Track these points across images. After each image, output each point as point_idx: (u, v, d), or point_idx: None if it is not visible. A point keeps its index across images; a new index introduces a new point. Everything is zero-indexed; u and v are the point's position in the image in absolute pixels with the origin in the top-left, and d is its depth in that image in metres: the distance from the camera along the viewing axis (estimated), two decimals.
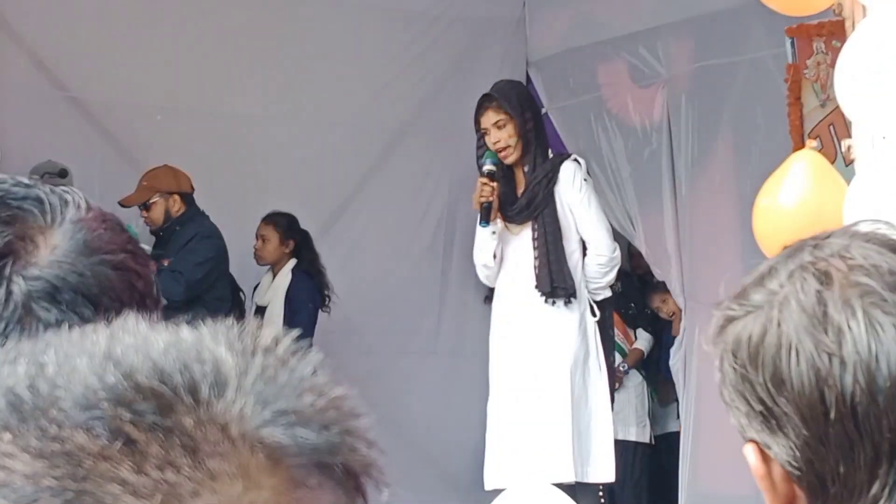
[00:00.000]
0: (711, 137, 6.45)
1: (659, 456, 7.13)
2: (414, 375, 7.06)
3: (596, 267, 5.28)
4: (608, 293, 5.37)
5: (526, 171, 5.31)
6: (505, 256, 5.35)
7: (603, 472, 5.22)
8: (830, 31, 5.50)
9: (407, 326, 7.11)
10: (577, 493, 5.03)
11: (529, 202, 5.26)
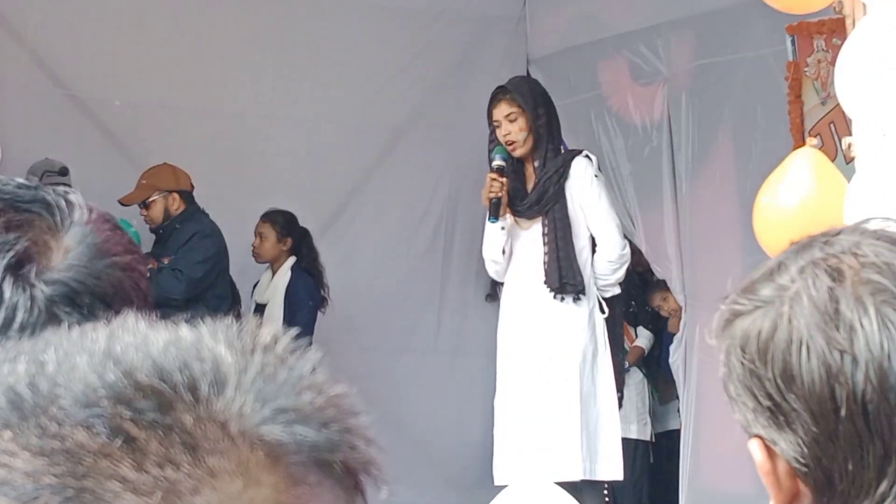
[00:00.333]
0: (712, 135, 6.45)
1: (660, 453, 7.13)
2: (414, 373, 7.06)
3: (605, 264, 5.23)
4: (617, 290, 5.32)
5: (536, 166, 5.27)
6: (514, 252, 5.31)
7: (611, 470, 5.18)
8: (831, 28, 5.50)
9: (407, 324, 7.10)
10: (582, 490, 5.02)
11: (540, 197, 5.22)
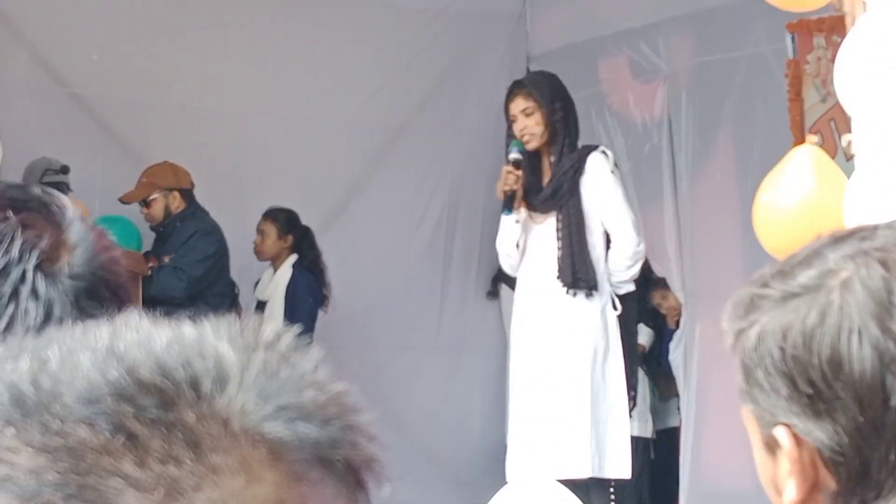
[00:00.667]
0: (712, 133, 6.45)
1: (660, 450, 7.13)
2: (415, 371, 7.06)
3: (620, 260, 5.18)
4: (631, 287, 5.25)
5: (552, 160, 5.23)
6: (528, 246, 5.26)
7: (619, 468, 5.13)
8: (831, 26, 5.50)
9: (408, 322, 7.10)
10: (589, 488, 5.00)
11: (554, 191, 5.18)
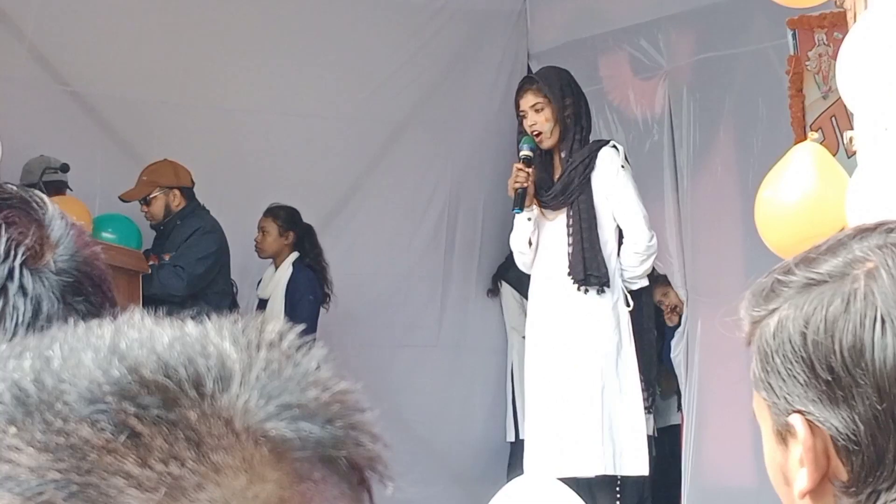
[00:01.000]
0: (713, 129, 6.45)
1: (661, 448, 7.13)
2: (416, 368, 7.07)
3: (632, 255, 5.15)
4: (644, 283, 5.23)
5: (563, 156, 5.21)
6: (540, 243, 5.25)
7: (636, 465, 5.09)
8: (832, 22, 5.50)
9: (409, 320, 7.11)
10: (593, 486, 4.99)
11: (565, 188, 5.16)
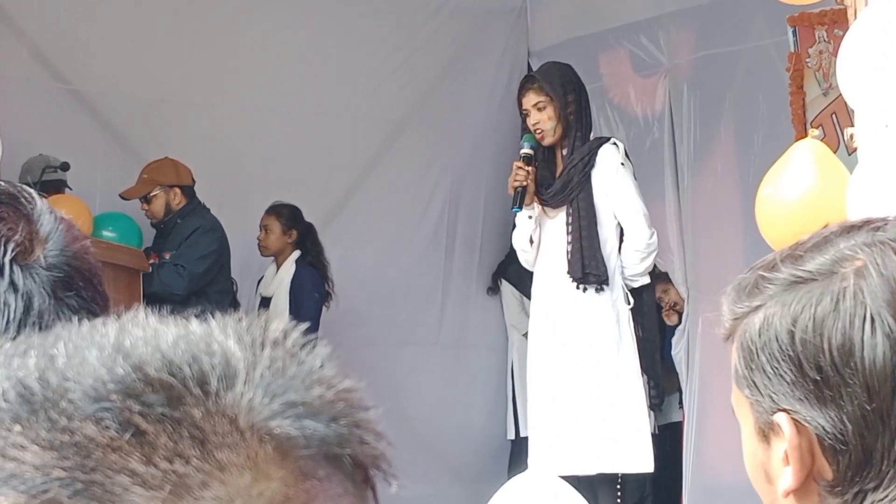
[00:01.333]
0: (713, 127, 6.45)
1: (662, 445, 7.12)
2: (417, 366, 7.07)
3: (633, 253, 5.14)
4: (646, 280, 5.21)
5: (564, 153, 5.20)
6: (542, 241, 5.24)
7: (639, 462, 5.08)
8: (832, 19, 5.50)
9: (410, 317, 7.11)
10: (595, 484, 4.99)
11: (564, 185, 5.15)
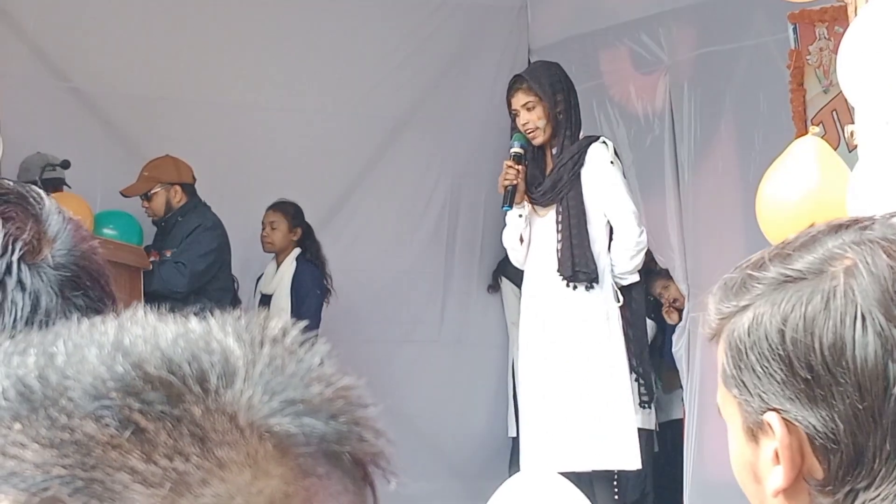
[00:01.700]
0: (714, 124, 6.45)
1: (664, 443, 7.13)
2: (418, 364, 7.07)
3: (622, 251, 5.16)
4: (636, 278, 5.23)
5: (554, 153, 5.23)
6: (532, 239, 5.27)
7: (626, 459, 5.11)
8: (833, 16, 5.50)
9: (411, 316, 7.11)
10: (591, 480, 5.01)
11: (554, 184, 5.18)
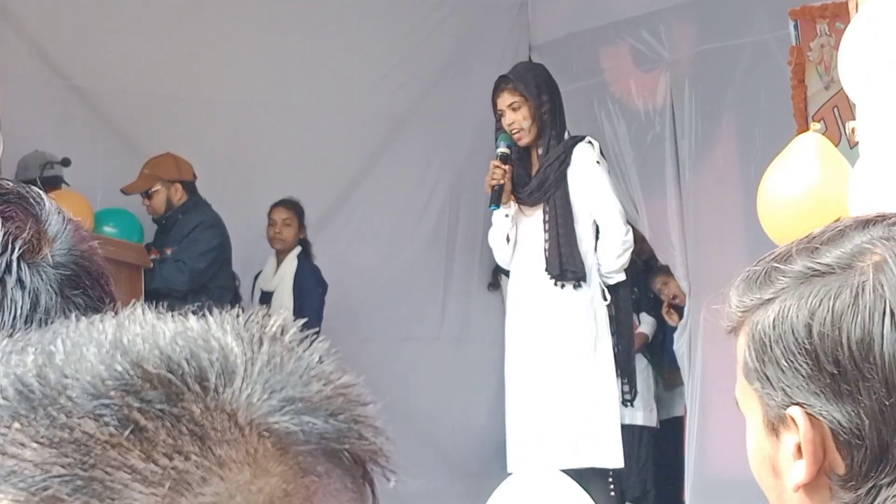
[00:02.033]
0: (715, 121, 6.44)
1: (665, 440, 7.14)
2: (418, 362, 7.07)
3: (609, 250, 5.22)
4: (622, 277, 5.29)
5: (540, 153, 5.27)
6: (519, 239, 5.32)
7: (610, 457, 5.20)
8: (834, 13, 5.50)
9: (411, 313, 7.11)
10: (586, 478, 5.03)
11: (541, 184, 5.23)
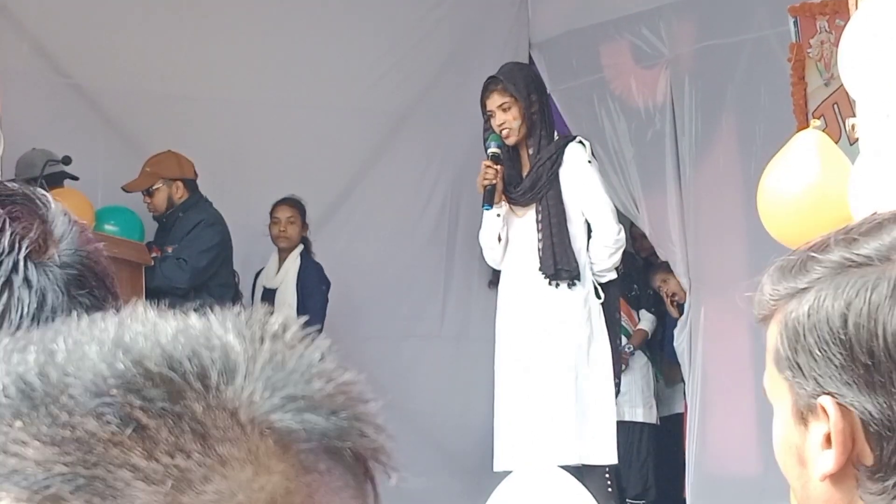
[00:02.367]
0: (715, 118, 6.44)
1: (665, 436, 7.14)
2: (419, 359, 7.07)
3: (601, 249, 5.27)
4: (613, 275, 5.35)
5: (531, 153, 5.31)
6: (510, 239, 5.36)
7: (604, 454, 5.22)
8: (834, 9, 5.49)
9: (412, 311, 7.11)
10: (583, 475, 5.05)
11: (533, 184, 5.26)
